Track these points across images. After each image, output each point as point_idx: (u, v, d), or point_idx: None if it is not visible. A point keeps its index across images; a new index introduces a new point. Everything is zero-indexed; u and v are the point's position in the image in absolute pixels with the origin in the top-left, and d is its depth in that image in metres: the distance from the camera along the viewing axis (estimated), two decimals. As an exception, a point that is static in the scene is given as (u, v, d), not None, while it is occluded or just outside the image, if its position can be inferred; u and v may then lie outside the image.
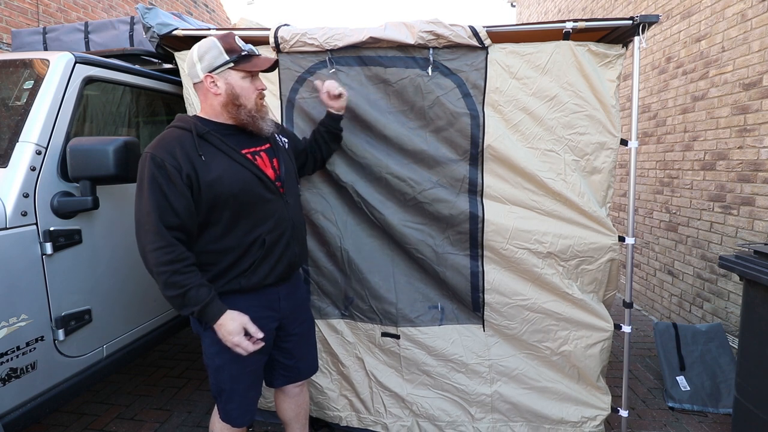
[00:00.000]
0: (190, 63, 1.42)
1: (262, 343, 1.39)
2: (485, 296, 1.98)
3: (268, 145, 1.53)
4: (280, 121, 1.98)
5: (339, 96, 1.74)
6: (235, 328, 1.34)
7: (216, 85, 1.40)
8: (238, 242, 1.41)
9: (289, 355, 1.65)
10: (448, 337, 2.03)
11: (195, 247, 1.40)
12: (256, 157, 1.47)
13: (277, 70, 1.94)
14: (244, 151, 1.44)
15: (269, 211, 1.45)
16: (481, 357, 2.02)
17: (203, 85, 1.41)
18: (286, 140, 1.66)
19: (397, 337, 2.05)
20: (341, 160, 1.98)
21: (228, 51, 1.38)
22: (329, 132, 1.83)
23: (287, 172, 1.55)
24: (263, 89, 1.48)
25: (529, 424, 2.02)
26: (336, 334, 2.12)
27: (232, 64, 1.39)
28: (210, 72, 1.39)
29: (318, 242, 2.08)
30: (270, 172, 1.48)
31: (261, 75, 1.93)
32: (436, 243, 1.98)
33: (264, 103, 1.50)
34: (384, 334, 2.07)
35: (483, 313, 2.00)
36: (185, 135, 1.37)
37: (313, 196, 2.01)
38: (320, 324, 2.12)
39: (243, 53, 1.40)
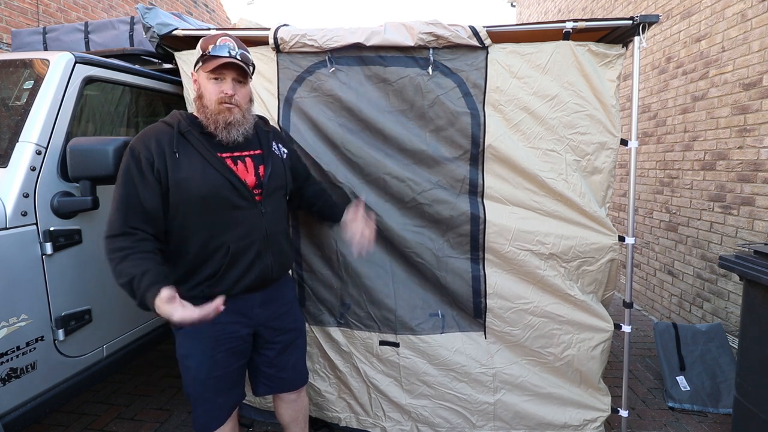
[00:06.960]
0: None
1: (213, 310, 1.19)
2: (487, 301, 1.94)
3: (258, 151, 1.50)
4: (277, 120, 1.97)
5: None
6: (169, 309, 1.15)
7: (196, 82, 1.43)
8: (202, 246, 1.38)
9: (270, 364, 1.60)
10: (450, 345, 1.97)
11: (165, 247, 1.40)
12: (238, 161, 1.43)
13: (276, 69, 1.95)
14: (224, 155, 1.41)
15: (238, 219, 1.41)
16: (485, 366, 1.97)
17: None
18: (286, 151, 1.64)
19: (396, 345, 2.00)
20: (338, 161, 1.96)
21: (202, 50, 1.39)
22: (326, 216, 1.81)
23: (274, 181, 1.50)
24: (227, 94, 1.38)
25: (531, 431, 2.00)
26: (332, 342, 2.08)
27: (200, 63, 1.40)
28: (193, 70, 1.44)
29: (313, 246, 2.04)
30: (250, 179, 1.44)
31: (258, 74, 1.95)
32: (436, 246, 1.94)
33: (231, 110, 1.39)
34: (382, 342, 2.01)
35: (485, 320, 1.96)
36: (166, 130, 1.38)
37: None
38: (315, 331, 2.10)
39: (206, 53, 1.38)
